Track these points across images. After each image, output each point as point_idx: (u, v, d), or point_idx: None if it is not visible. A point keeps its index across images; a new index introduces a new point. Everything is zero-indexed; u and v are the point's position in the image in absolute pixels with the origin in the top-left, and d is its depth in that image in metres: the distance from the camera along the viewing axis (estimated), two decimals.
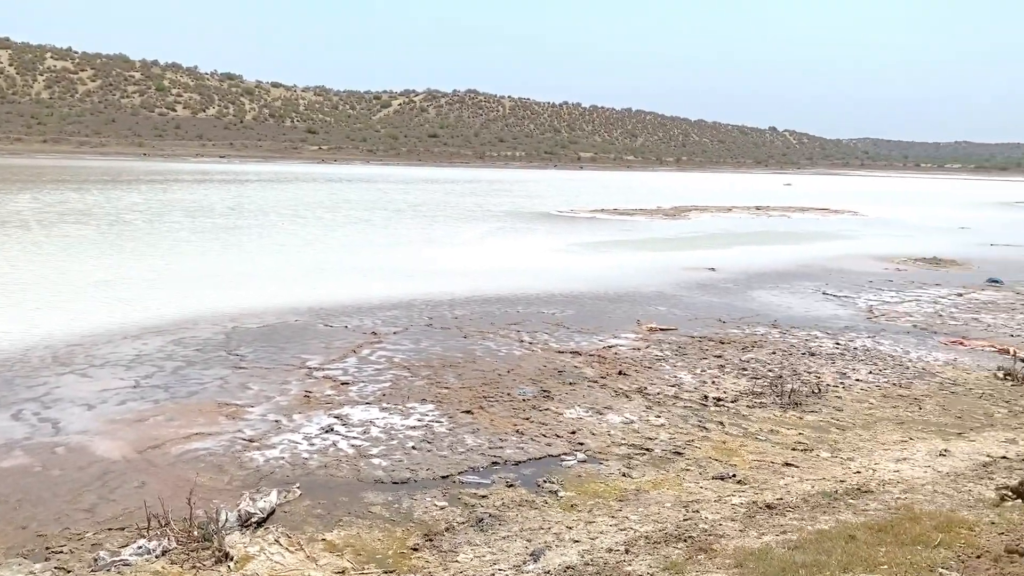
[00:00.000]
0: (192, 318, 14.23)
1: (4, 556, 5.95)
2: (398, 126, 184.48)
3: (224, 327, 13.66)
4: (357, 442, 8.53)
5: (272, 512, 6.67)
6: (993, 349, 13.67)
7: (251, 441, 8.48)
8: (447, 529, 6.60)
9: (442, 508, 7.00)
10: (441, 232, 31.45)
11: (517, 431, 8.99)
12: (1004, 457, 8.48)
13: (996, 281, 21.41)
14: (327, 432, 8.79)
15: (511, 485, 7.56)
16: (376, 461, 8.03)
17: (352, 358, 11.94)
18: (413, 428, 9.00)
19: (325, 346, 12.59)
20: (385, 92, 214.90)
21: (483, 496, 7.28)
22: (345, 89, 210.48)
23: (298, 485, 7.33)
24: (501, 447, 8.51)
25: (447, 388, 10.53)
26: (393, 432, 8.85)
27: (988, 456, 8.52)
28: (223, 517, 6.26)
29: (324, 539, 6.33)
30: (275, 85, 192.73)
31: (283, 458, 8.04)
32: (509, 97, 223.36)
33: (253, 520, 6.44)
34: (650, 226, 37.31)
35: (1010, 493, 7.02)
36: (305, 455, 8.14)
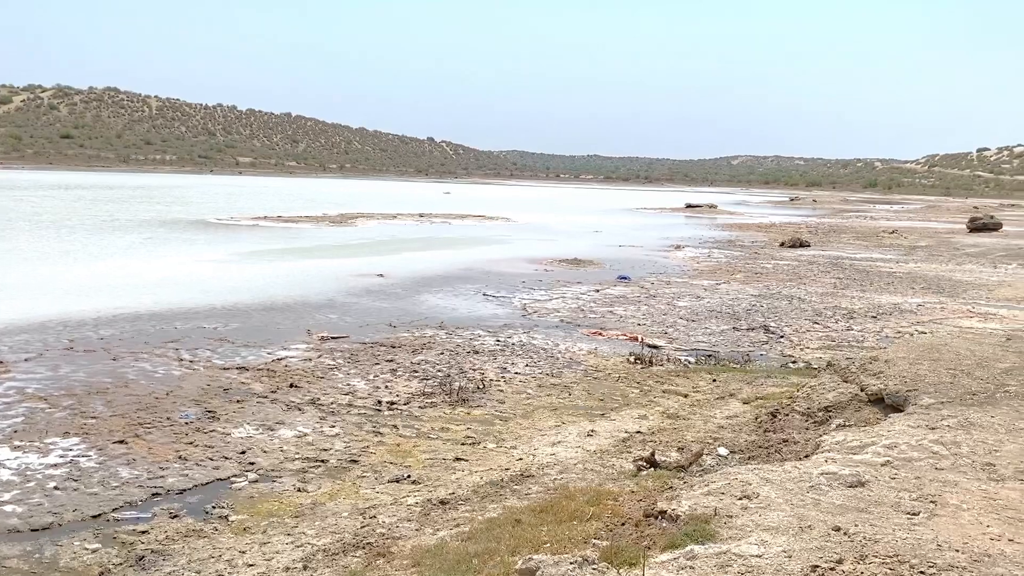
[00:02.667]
0: None
1: None
2: (22, 125, 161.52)
3: None
4: None
5: None
6: (625, 337, 15.55)
7: None
8: (101, 574, 5.95)
9: (94, 551, 6.29)
10: (78, 244, 28.13)
11: (180, 457, 8.36)
12: (639, 432, 9.70)
13: (625, 278, 24.41)
14: None
15: (175, 516, 7.03)
16: (9, 508, 6.98)
17: None
18: (55, 466, 7.96)
19: None
20: (3, 86, 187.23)
21: (143, 532, 6.68)
22: None
23: None
24: (162, 476, 7.86)
25: (95, 418, 9.47)
26: (29, 473, 7.76)
27: (626, 432, 9.68)
28: None
29: None
30: None
31: None
32: (156, 97, 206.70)
33: None
34: (317, 233, 36.87)
35: (644, 463, 8.06)
36: None
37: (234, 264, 24.46)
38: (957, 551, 4.56)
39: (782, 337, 16.04)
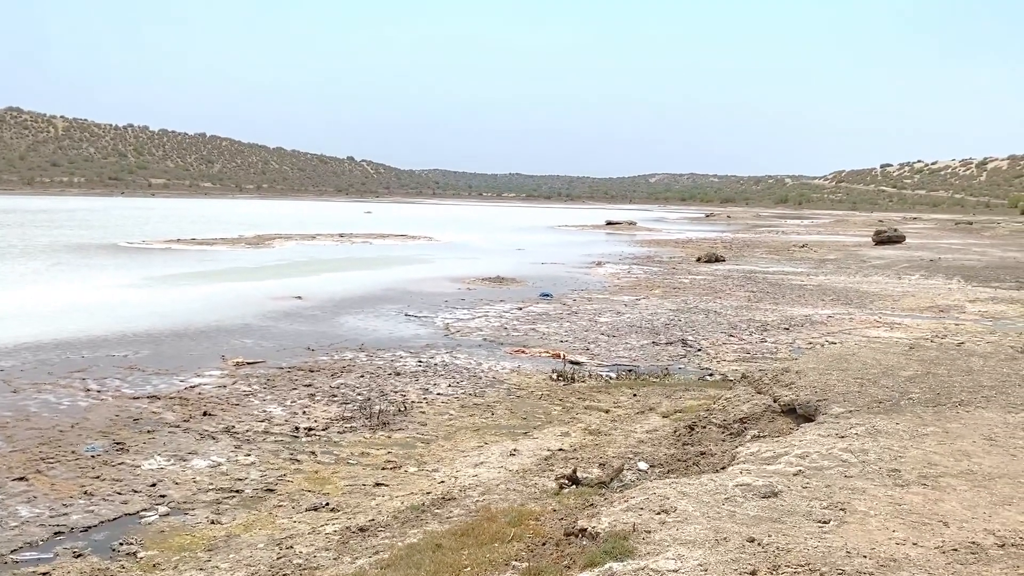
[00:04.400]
0: None
1: None
2: None
3: None
4: None
5: None
6: (548, 354, 15.62)
7: None
8: None
9: None
10: None
11: (86, 493, 7.99)
12: (561, 449, 9.72)
13: (547, 295, 24.56)
14: None
15: (80, 555, 6.70)
16: None
17: None
18: None
19: None
20: None
21: (44, 573, 6.34)
22: None
23: None
24: (66, 513, 7.49)
25: None
26: None
27: (548, 450, 9.69)
28: None
29: None
30: None
31: None
32: (62, 117, 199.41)
33: None
34: (232, 256, 35.98)
35: (566, 481, 8.07)
36: None
37: (146, 289, 23.64)
38: (865, 557, 4.69)
39: (699, 350, 16.37)
